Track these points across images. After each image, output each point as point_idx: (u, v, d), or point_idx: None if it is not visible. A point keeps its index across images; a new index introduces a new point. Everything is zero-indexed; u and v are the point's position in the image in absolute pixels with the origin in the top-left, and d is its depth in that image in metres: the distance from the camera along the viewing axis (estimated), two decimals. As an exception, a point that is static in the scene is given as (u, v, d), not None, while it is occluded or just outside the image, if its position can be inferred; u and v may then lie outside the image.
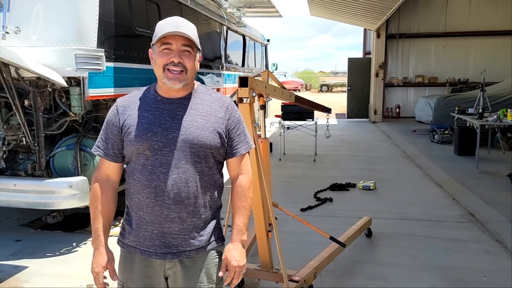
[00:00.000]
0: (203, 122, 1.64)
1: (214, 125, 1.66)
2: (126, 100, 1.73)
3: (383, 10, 11.42)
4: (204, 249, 1.70)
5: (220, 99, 1.74)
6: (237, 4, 9.09)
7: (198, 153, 1.63)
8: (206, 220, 1.70)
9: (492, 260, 3.72)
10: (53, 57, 3.69)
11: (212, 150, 1.65)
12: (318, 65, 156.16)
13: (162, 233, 1.64)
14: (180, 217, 1.63)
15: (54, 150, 4.08)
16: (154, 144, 1.61)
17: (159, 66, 1.62)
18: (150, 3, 4.93)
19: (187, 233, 1.66)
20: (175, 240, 1.65)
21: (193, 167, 1.62)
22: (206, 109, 1.68)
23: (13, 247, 4.04)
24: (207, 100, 1.71)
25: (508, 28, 13.38)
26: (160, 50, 1.61)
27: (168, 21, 1.62)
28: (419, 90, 14.66)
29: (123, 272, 1.75)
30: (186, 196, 1.62)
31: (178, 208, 1.62)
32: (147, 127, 1.62)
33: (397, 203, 5.38)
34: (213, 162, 1.68)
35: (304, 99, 3.87)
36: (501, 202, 5.14)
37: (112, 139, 1.70)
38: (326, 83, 36.27)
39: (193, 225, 1.66)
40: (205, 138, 1.63)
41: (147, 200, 1.63)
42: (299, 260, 3.35)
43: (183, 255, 1.66)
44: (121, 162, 1.74)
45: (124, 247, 1.73)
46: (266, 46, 12.34)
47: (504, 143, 8.55)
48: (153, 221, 1.64)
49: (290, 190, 5.99)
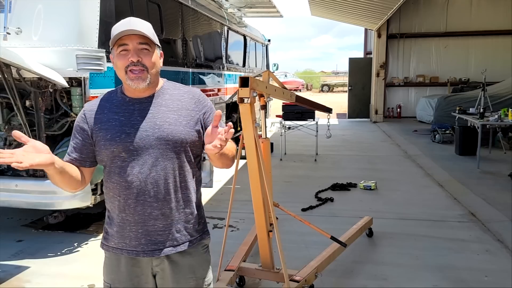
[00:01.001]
0: (175, 117, 1.64)
1: (187, 119, 1.65)
2: (94, 104, 1.71)
3: (384, 10, 11.42)
4: (191, 243, 1.71)
5: (189, 91, 1.74)
6: (238, 4, 9.09)
7: (174, 149, 1.63)
8: (189, 213, 1.71)
9: (493, 260, 3.72)
10: (54, 58, 3.70)
11: (188, 143, 1.65)
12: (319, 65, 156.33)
13: (147, 231, 1.65)
14: (163, 213, 1.65)
15: (56, 150, 4.08)
16: (129, 145, 1.61)
17: (120, 69, 1.61)
18: (151, 3, 4.94)
19: (171, 228, 1.67)
20: (161, 237, 1.66)
21: (170, 163, 1.63)
22: (177, 104, 1.67)
23: (15, 247, 4.05)
24: (176, 95, 1.70)
25: (509, 27, 13.37)
26: (118, 52, 1.60)
27: (121, 22, 1.60)
28: (420, 90, 14.66)
29: (109, 274, 1.75)
30: (166, 192, 1.64)
31: (160, 205, 1.64)
32: (119, 129, 1.62)
33: (398, 203, 5.38)
34: (190, 156, 1.68)
35: (305, 99, 3.87)
36: (502, 202, 5.14)
37: (81, 144, 1.69)
38: (327, 83, 36.25)
39: (176, 220, 1.68)
40: (179, 133, 1.63)
41: (128, 201, 1.63)
42: (300, 260, 3.36)
43: (169, 251, 1.68)
44: (89, 167, 1.72)
45: (109, 250, 1.73)
46: (267, 46, 12.34)
47: (505, 142, 8.54)
48: (137, 220, 1.64)
49: (291, 190, 5.99)
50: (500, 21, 13.46)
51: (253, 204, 2.81)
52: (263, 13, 10.80)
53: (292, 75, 36.04)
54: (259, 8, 9.93)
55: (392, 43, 14.62)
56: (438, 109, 11.32)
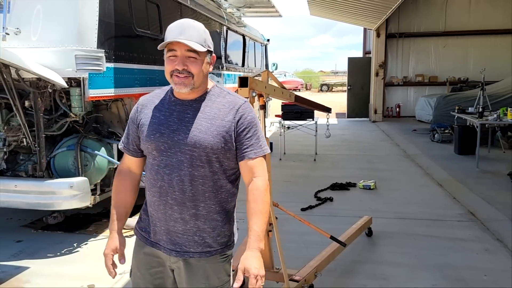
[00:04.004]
0: (207, 125, 1.62)
1: (219, 129, 1.61)
2: (147, 98, 1.77)
3: (383, 9, 11.42)
4: (210, 253, 1.69)
5: (232, 101, 1.68)
6: (237, 4, 9.08)
7: (200, 157, 1.61)
8: (212, 225, 1.68)
9: (492, 259, 3.72)
10: (54, 58, 3.70)
11: (216, 154, 1.62)
12: (318, 64, 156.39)
13: (168, 231, 1.69)
14: (183, 218, 1.65)
15: (55, 150, 4.08)
16: (161, 145, 1.64)
17: (167, 73, 1.64)
18: (150, 3, 4.93)
19: (190, 235, 1.67)
20: (180, 239, 1.68)
21: (195, 171, 1.62)
22: (214, 112, 1.64)
23: (14, 247, 4.05)
24: (218, 103, 1.67)
25: (508, 27, 13.38)
26: (167, 57, 1.62)
27: (174, 26, 1.61)
28: (419, 89, 14.66)
29: (132, 258, 1.82)
30: (188, 198, 1.63)
31: (180, 209, 1.64)
32: (156, 127, 1.66)
33: (397, 202, 5.38)
34: (218, 167, 1.64)
35: (304, 99, 3.88)
36: (502, 201, 5.15)
37: (131, 135, 1.77)
38: (326, 82, 36.25)
39: (196, 228, 1.66)
40: (207, 142, 1.60)
41: (154, 198, 1.68)
42: (300, 260, 3.35)
43: (186, 255, 1.68)
44: (140, 157, 1.80)
45: (137, 235, 1.81)
46: (266, 46, 12.34)
47: (504, 142, 8.55)
48: (160, 218, 1.69)
49: (291, 190, 5.99)
50: (499, 20, 13.47)
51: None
52: (262, 13, 10.80)
53: (291, 75, 36.04)
54: (258, 8, 9.92)
55: (391, 42, 14.63)
56: (437, 109, 11.33)
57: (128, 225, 4.27)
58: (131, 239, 1.86)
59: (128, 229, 4.43)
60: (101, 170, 4.12)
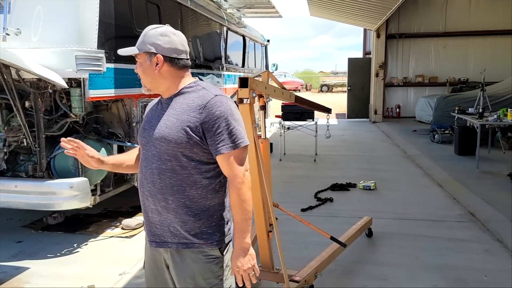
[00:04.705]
0: (173, 120, 1.66)
1: (183, 124, 1.63)
2: (152, 100, 1.89)
3: (383, 10, 11.43)
4: (186, 246, 1.70)
5: (202, 96, 1.67)
6: (237, 5, 9.09)
7: (167, 151, 1.66)
8: (183, 219, 1.69)
9: (492, 259, 3.72)
10: (54, 59, 3.70)
11: (180, 149, 1.63)
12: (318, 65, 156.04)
13: (148, 222, 1.78)
14: (156, 209, 1.72)
15: (55, 151, 4.08)
16: (142, 140, 1.77)
17: None
18: (150, 4, 4.94)
19: (165, 226, 1.72)
20: (158, 230, 1.75)
21: (163, 164, 1.67)
22: (183, 107, 1.67)
23: (14, 248, 4.05)
24: (189, 98, 1.68)
25: (508, 27, 13.38)
26: None
27: None
28: (419, 90, 14.67)
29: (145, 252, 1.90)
30: (157, 191, 1.69)
31: (153, 201, 1.72)
32: (143, 124, 1.80)
33: (397, 203, 5.38)
34: (187, 162, 1.65)
35: (304, 99, 3.88)
36: (502, 201, 5.15)
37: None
38: (326, 83, 36.27)
39: (169, 220, 1.71)
40: (171, 136, 1.63)
41: (139, 190, 1.79)
42: (300, 260, 3.36)
43: (165, 245, 1.74)
44: None
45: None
46: (266, 47, 12.34)
47: (504, 142, 8.55)
48: (144, 210, 1.79)
49: (291, 190, 5.99)
50: (499, 21, 13.48)
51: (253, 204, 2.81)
52: (262, 14, 10.80)
53: (291, 75, 36.03)
54: (258, 9, 9.93)
55: (391, 43, 14.64)
56: (437, 109, 11.33)
57: (127, 225, 4.28)
58: (133, 240, 1.87)
59: (128, 229, 4.43)
60: (101, 170, 4.12)
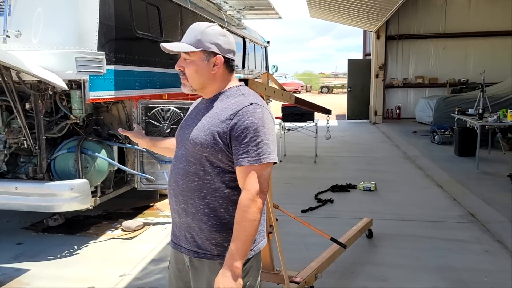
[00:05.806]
0: (205, 123, 1.62)
1: (212, 128, 1.58)
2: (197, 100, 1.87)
3: (382, 11, 11.44)
4: (197, 255, 1.65)
5: (238, 102, 1.60)
6: (237, 6, 9.10)
7: (193, 153, 1.63)
8: (200, 226, 1.63)
9: (492, 260, 3.72)
10: (54, 60, 3.71)
11: (206, 153, 1.59)
12: (318, 66, 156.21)
13: (172, 220, 1.77)
14: (177, 210, 1.70)
15: (55, 153, 4.09)
16: (177, 137, 1.77)
17: None
18: (150, 6, 4.95)
19: (182, 229, 1.70)
20: (177, 231, 1.73)
21: (188, 166, 1.65)
22: (216, 111, 1.62)
23: (15, 250, 4.05)
24: (226, 103, 1.63)
25: (507, 28, 13.39)
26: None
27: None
28: (419, 91, 14.67)
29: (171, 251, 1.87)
30: (180, 192, 1.67)
31: (176, 201, 1.70)
32: (183, 122, 1.80)
33: (397, 204, 5.38)
34: (210, 168, 1.60)
35: (304, 101, 3.89)
36: (502, 202, 5.14)
37: None
38: (327, 84, 36.30)
39: (186, 224, 1.66)
40: (199, 139, 1.60)
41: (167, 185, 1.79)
42: (300, 261, 3.36)
43: (179, 249, 1.72)
44: None
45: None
46: (266, 48, 12.36)
47: (504, 143, 8.55)
48: (170, 206, 1.78)
49: (291, 192, 6.00)
50: (498, 22, 13.48)
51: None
52: (262, 15, 10.83)
53: (291, 77, 36.06)
54: (258, 10, 9.95)
55: (391, 44, 14.64)
56: (437, 110, 11.33)
57: (128, 227, 4.28)
58: (133, 242, 1.86)
59: (128, 231, 4.43)
60: (101, 172, 4.13)
